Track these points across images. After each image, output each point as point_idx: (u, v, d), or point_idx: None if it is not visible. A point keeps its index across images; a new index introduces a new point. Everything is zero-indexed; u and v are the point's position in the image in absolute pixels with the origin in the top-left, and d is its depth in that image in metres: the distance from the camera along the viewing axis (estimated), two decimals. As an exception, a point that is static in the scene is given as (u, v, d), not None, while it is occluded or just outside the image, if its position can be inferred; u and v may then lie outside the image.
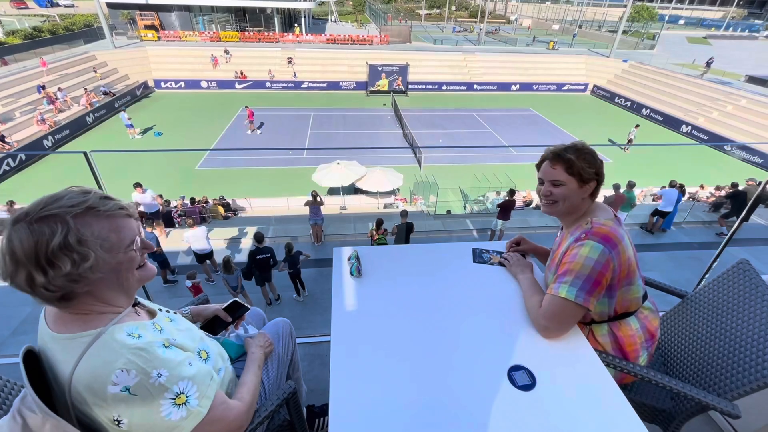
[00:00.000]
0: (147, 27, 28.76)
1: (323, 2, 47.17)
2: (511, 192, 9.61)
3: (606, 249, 1.21)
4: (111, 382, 0.78)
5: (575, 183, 1.31)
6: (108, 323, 0.85)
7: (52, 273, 0.76)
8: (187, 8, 30.79)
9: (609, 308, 1.34)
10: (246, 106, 19.39)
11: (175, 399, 0.85)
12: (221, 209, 11.52)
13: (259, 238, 6.63)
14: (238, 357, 1.35)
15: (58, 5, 48.40)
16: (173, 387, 0.85)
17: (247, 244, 9.45)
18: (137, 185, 8.88)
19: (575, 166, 1.29)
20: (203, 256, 7.67)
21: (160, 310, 1.06)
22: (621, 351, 1.36)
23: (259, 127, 19.73)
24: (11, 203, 9.56)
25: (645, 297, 1.40)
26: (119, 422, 0.81)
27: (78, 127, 18.46)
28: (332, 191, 13.56)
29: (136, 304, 0.99)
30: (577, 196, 1.32)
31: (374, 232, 8.07)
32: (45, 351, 0.84)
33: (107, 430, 0.83)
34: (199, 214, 10.65)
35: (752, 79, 22.89)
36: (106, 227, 0.83)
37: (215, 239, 8.80)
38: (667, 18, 51.21)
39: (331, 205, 11.33)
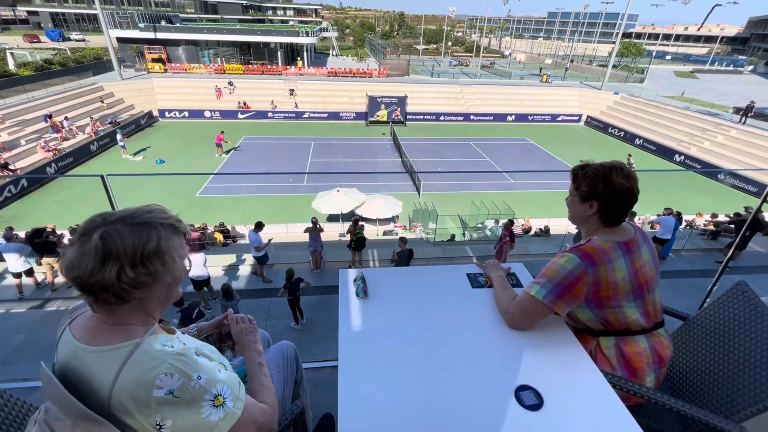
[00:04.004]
0: (154, 60, 29.82)
1: (325, 38, 49.16)
2: (509, 222, 9.63)
3: (582, 263, 1.28)
4: (156, 386, 0.82)
5: (577, 198, 1.39)
6: (144, 334, 0.90)
7: (141, 270, 0.86)
8: (194, 43, 32.07)
9: (595, 318, 1.37)
10: (222, 131, 20.21)
11: (214, 401, 0.89)
12: (220, 236, 11.51)
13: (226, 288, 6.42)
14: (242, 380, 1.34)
15: (69, 39, 50.32)
16: (212, 389, 0.89)
17: (245, 270, 9.39)
18: None
19: (577, 181, 1.38)
20: (200, 283, 7.60)
21: None
22: (627, 366, 1.37)
23: (227, 152, 20.45)
24: (10, 229, 9.56)
25: (661, 324, 1.44)
26: (161, 427, 0.83)
27: (82, 154, 18.76)
28: (332, 218, 13.62)
29: (160, 321, 1.03)
30: (578, 209, 1.40)
31: (352, 228, 8.56)
32: (72, 366, 0.86)
33: None
34: (198, 240, 10.63)
35: (740, 111, 23.60)
36: (179, 242, 0.96)
37: (213, 266, 8.75)
38: (654, 53, 53.39)
39: (330, 232, 11.34)
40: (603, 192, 1.32)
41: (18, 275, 7.44)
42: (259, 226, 8.51)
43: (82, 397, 0.83)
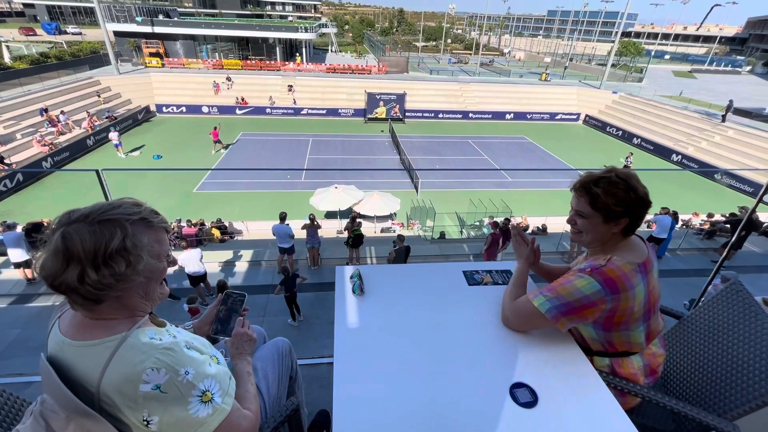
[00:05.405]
0: (152, 54, 29.58)
1: (324, 33, 48.88)
2: (506, 221, 9.60)
3: (603, 290, 1.18)
4: (142, 381, 0.81)
5: (600, 218, 1.22)
6: (131, 327, 0.88)
7: (105, 271, 0.81)
8: (192, 37, 31.82)
9: (600, 339, 1.31)
10: (215, 127, 19.95)
11: (201, 396, 0.88)
12: (217, 232, 11.47)
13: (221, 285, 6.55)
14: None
15: (66, 33, 49.86)
16: (200, 384, 0.88)
17: (242, 267, 9.38)
18: None
19: (600, 202, 1.20)
20: (197, 279, 7.58)
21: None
22: None
23: (226, 147, 20.32)
24: (4, 223, 9.51)
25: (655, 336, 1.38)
26: (149, 422, 0.82)
27: (78, 149, 18.64)
28: (330, 215, 13.60)
29: (150, 313, 1.01)
30: (602, 230, 1.24)
31: (350, 225, 8.55)
32: (61, 360, 0.85)
33: None
34: (194, 236, 10.60)
35: (738, 111, 23.68)
36: (153, 237, 0.91)
37: (210, 262, 8.73)
38: (653, 53, 53.42)
39: (328, 229, 11.33)
40: (635, 202, 1.19)
41: (21, 265, 7.59)
42: (282, 217, 8.56)
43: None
